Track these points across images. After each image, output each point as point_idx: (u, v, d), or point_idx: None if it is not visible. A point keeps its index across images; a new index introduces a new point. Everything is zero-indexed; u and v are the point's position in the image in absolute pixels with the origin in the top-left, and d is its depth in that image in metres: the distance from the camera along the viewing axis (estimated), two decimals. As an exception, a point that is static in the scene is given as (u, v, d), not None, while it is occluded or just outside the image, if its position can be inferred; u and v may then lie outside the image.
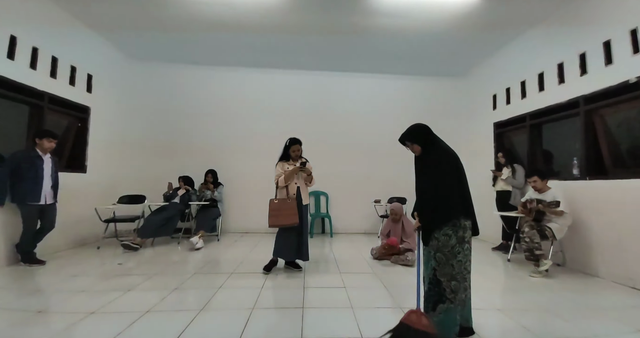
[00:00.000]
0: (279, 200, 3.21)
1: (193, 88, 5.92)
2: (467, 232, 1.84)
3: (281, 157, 3.35)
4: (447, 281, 1.77)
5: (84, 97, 4.54)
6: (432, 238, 1.83)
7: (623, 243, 3.01)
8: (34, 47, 3.68)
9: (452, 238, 1.79)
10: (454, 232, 1.79)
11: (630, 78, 3.00)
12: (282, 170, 3.26)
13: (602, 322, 2.15)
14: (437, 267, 1.79)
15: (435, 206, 1.82)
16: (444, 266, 1.78)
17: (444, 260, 1.78)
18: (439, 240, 1.80)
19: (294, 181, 3.28)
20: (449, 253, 1.78)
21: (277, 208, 3.15)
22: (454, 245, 1.78)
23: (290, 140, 3.31)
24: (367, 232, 5.92)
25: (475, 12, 3.93)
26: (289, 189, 3.25)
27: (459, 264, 1.78)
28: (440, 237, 1.80)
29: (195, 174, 5.29)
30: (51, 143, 3.44)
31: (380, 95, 6.20)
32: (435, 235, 1.82)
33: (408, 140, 2.03)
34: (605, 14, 3.33)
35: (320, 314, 2.23)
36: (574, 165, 3.71)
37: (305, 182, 3.35)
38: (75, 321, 2.03)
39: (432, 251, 1.83)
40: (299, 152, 3.31)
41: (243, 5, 3.91)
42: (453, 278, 1.77)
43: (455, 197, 1.82)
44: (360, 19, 4.22)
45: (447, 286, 1.76)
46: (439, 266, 1.79)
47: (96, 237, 4.52)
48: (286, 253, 3.24)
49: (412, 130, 2.04)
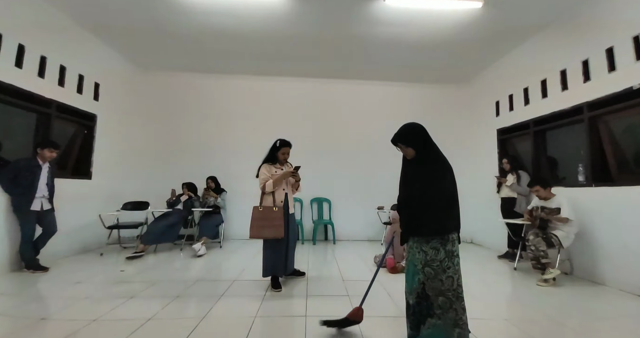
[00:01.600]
0: (264, 208, 2.86)
1: (198, 96, 6.00)
2: (456, 244, 1.76)
3: (267, 159, 3.03)
4: (435, 296, 1.68)
5: (91, 105, 4.60)
6: (419, 251, 1.74)
7: (630, 250, 2.96)
8: (42, 56, 3.76)
9: (440, 252, 1.70)
10: (442, 245, 1.70)
11: (634, 84, 2.99)
12: (269, 173, 2.93)
13: (609, 332, 2.10)
14: (426, 281, 1.70)
15: (430, 217, 1.70)
16: (432, 280, 1.69)
17: (433, 274, 1.70)
18: (427, 254, 1.71)
19: (282, 187, 2.98)
20: (438, 268, 1.69)
21: (262, 218, 2.80)
22: (443, 259, 1.70)
23: (281, 142, 3.01)
24: (371, 239, 5.87)
25: (477, 19, 3.96)
26: (275, 196, 2.90)
27: (449, 280, 1.69)
28: (428, 250, 1.71)
29: (199, 181, 5.31)
30: (52, 153, 3.48)
31: (384, 103, 6.23)
32: (423, 248, 1.73)
33: (402, 143, 1.84)
34: (607, 21, 3.34)
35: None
36: (579, 171, 3.68)
37: (292, 189, 3.08)
38: (78, 328, 2.03)
39: (420, 265, 1.72)
40: (288, 156, 3.05)
41: (247, 15, 3.98)
42: (441, 293, 1.68)
43: (455, 211, 1.75)
44: (363, 28, 4.26)
45: (435, 301, 1.68)
46: (427, 280, 1.70)
47: (99, 243, 4.53)
48: (279, 269, 2.94)
49: (408, 132, 1.85)
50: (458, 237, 1.79)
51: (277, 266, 2.92)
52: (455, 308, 1.67)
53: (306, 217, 5.88)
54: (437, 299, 1.68)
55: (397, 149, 1.90)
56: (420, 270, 1.72)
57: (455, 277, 1.70)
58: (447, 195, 1.74)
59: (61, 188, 3.77)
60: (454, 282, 1.69)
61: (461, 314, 1.68)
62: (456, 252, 1.74)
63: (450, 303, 1.67)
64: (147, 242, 4.27)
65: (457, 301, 1.69)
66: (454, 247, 1.73)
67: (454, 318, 1.66)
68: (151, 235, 4.31)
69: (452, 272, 1.70)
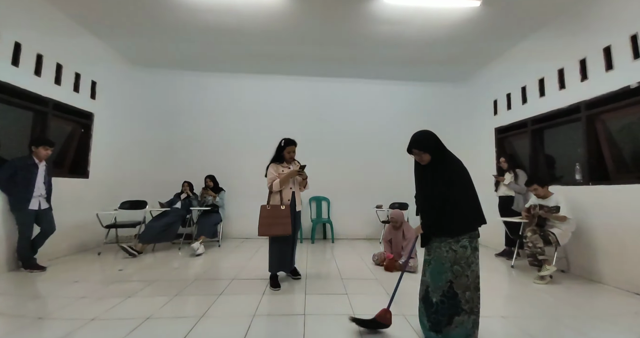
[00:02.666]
0: (271, 206, 2.92)
1: (196, 95, 5.98)
2: (478, 241, 1.85)
3: (274, 159, 3.09)
4: (463, 292, 1.75)
5: (88, 103, 4.58)
6: (448, 250, 1.80)
7: (627, 248, 2.98)
8: (38, 54, 3.73)
9: (468, 249, 1.78)
10: (469, 242, 1.79)
11: (632, 83, 3.01)
12: (277, 173, 2.99)
13: (606, 329, 2.12)
14: (454, 280, 1.76)
15: (460, 216, 1.79)
16: (460, 278, 1.76)
17: (461, 271, 1.77)
18: (457, 252, 1.78)
19: (289, 186, 3.04)
20: (465, 265, 1.77)
21: (270, 216, 2.86)
22: (469, 255, 1.78)
23: (286, 141, 3.06)
24: (369, 238, 5.89)
25: (475, 18, 3.96)
26: (283, 195, 2.97)
27: (473, 274, 1.78)
28: (458, 248, 1.78)
29: (197, 180, 5.30)
30: (47, 151, 3.46)
31: (382, 101, 6.23)
32: (452, 247, 1.79)
33: (418, 149, 1.92)
34: (605, 20, 3.35)
35: (321, 321, 2.21)
36: (577, 170, 3.70)
37: (300, 186, 3.13)
38: (76, 328, 2.02)
39: (449, 263, 1.78)
40: (294, 154, 3.10)
41: (247, 13, 3.96)
42: (468, 288, 1.76)
43: (479, 206, 1.84)
44: (361, 26, 4.26)
45: (463, 297, 1.75)
46: (456, 279, 1.76)
47: (97, 242, 4.52)
48: (284, 266, 3.05)
49: (423, 139, 1.93)
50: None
51: (283, 262, 3.00)
52: (473, 298, 1.77)
53: (305, 215, 5.88)
54: (464, 295, 1.76)
55: (412, 156, 1.99)
56: (449, 268, 1.78)
57: (476, 270, 1.80)
58: (470, 194, 1.83)
59: (58, 187, 3.75)
60: (475, 275, 1.79)
61: (477, 302, 1.78)
62: (478, 246, 1.84)
63: (472, 295, 1.77)
64: (145, 240, 4.26)
65: (475, 291, 1.79)
66: (477, 243, 1.84)
67: (471, 307, 1.76)
68: (149, 234, 4.30)
69: (474, 266, 1.80)
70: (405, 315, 2.31)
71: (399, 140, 6.09)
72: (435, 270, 1.83)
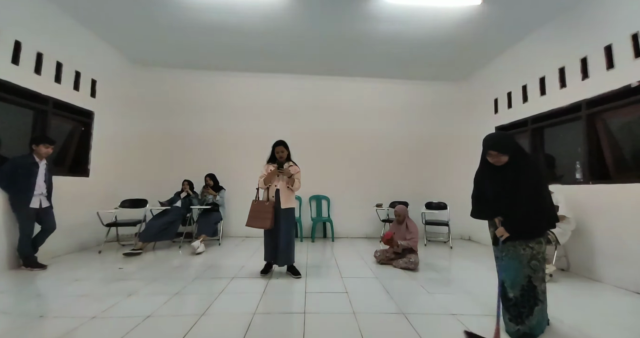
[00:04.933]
0: (258, 202, 3.26)
1: (196, 93, 5.97)
2: None
3: (268, 159, 3.38)
4: (540, 284, 1.91)
5: (88, 101, 4.57)
6: (524, 247, 1.90)
7: (627, 247, 2.98)
8: (38, 53, 3.72)
9: (542, 244, 1.92)
10: (544, 238, 1.93)
11: (632, 82, 3.00)
12: (266, 172, 3.28)
13: (605, 328, 2.12)
14: (533, 274, 1.90)
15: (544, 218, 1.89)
16: (538, 271, 1.90)
17: (538, 266, 1.90)
18: (534, 249, 1.89)
19: (274, 183, 3.24)
20: (541, 259, 1.91)
21: (254, 210, 3.21)
22: (544, 250, 1.93)
23: (275, 142, 3.34)
24: (369, 237, 5.89)
25: (476, 16, 3.95)
26: (268, 191, 3.25)
27: (543, 265, 1.94)
28: (534, 245, 1.89)
29: (197, 178, 5.30)
30: (48, 149, 3.46)
31: (382, 100, 6.22)
32: (529, 244, 1.89)
33: (498, 151, 1.89)
34: (606, 19, 3.34)
35: (322, 320, 2.21)
36: (577, 169, 3.70)
37: (287, 185, 3.22)
38: (77, 326, 2.03)
39: (526, 260, 1.90)
40: (284, 154, 3.28)
41: (246, 12, 3.95)
42: (543, 280, 1.92)
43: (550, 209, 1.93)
44: (362, 25, 4.25)
45: (540, 289, 1.90)
46: (534, 273, 1.90)
47: (98, 241, 4.52)
48: (269, 256, 3.28)
49: (502, 140, 1.92)
50: None
51: (268, 253, 3.29)
52: (544, 289, 1.94)
53: (305, 214, 5.89)
54: (541, 286, 1.91)
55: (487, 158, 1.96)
56: (526, 264, 1.90)
57: (544, 262, 1.94)
58: (547, 197, 1.91)
59: (59, 186, 3.75)
60: (544, 267, 1.94)
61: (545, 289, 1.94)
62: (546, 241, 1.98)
63: (544, 287, 1.93)
64: (146, 239, 4.27)
65: (544, 282, 1.95)
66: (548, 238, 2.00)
67: (545, 298, 1.92)
68: (150, 232, 4.31)
69: (543, 258, 1.93)
70: (405, 314, 2.31)
71: (399, 139, 6.17)
72: (512, 267, 1.94)
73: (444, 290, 2.91)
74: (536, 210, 1.84)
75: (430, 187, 5.98)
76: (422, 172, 6.07)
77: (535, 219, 1.85)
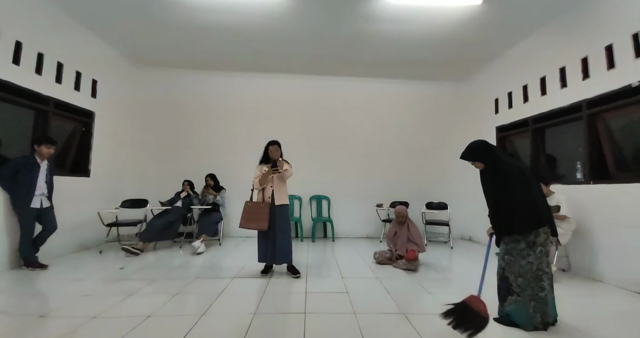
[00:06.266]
0: (252, 203, 3.24)
1: (196, 93, 5.98)
2: (540, 236, 2.02)
3: (261, 160, 3.34)
4: (515, 278, 2.06)
5: (89, 102, 4.58)
6: (503, 242, 2.12)
7: (628, 247, 2.98)
8: (39, 53, 3.73)
9: (521, 243, 2.04)
10: (523, 237, 2.02)
11: (633, 82, 3.00)
12: (260, 172, 3.24)
13: (606, 328, 2.12)
14: (505, 267, 2.11)
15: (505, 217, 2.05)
16: (511, 266, 2.07)
17: (513, 261, 2.07)
18: (507, 245, 2.09)
19: (270, 184, 3.23)
20: (517, 256, 2.05)
21: (249, 211, 3.19)
22: (523, 248, 2.03)
23: (268, 142, 3.32)
24: (369, 237, 5.89)
25: (477, 16, 3.95)
26: (264, 192, 3.23)
27: (528, 265, 2.03)
28: (509, 241, 2.09)
29: (198, 178, 5.30)
30: (49, 149, 3.46)
31: (382, 100, 6.22)
32: (504, 240, 2.11)
33: (466, 159, 2.21)
34: (606, 18, 3.34)
35: (322, 320, 2.21)
36: (578, 169, 3.69)
37: (280, 182, 3.24)
38: (77, 326, 2.03)
39: (502, 253, 2.13)
40: (277, 153, 3.25)
41: (246, 11, 3.96)
42: (520, 276, 2.04)
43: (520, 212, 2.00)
44: (362, 25, 4.25)
45: (514, 282, 2.06)
46: (507, 265, 2.10)
47: (98, 241, 4.53)
48: (265, 257, 3.23)
49: (470, 149, 2.20)
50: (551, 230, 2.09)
51: (265, 254, 3.24)
52: (532, 287, 2.02)
53: (305, 214, 5.89)
54: (516, 280, 2.06)
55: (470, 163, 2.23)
56: (501, 257, 2.14)
57: (535, 263, 2.02)
58: (515, 199, 2.01)
59: (60, 186, 3.76)
60: (532, 268, 2.02)
61: (537, 291, 2.02)
62: (539, 242, 2.03)
63: (526, 283, 2.03)
64: (146, 239, 4.27)
65: (536, 281, 2.02)
66: (537, 239, 2.02)
67: (530, 294, 2.02)
68: (150, 232, 4.31)
69: (531, 258, 2.03)
70: (405, 314, 2.31)
71: (399, 139, 6.17)
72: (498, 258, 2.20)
73: (444, 290, 2.91)
74: (499, 209, 2.07)
75: (431, 187, 5.98)
76: (422, 171, 6.07)
77: (500, 217, 2.08)
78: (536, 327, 2.01)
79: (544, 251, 2.05)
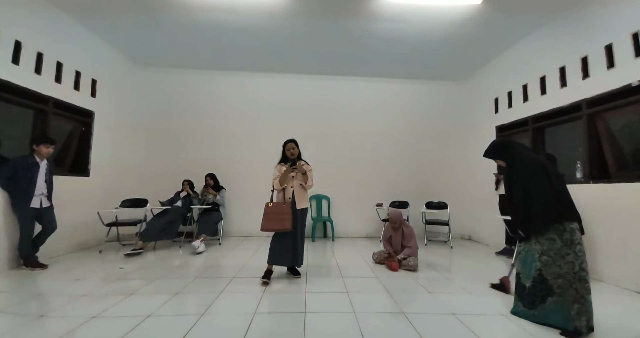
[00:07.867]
0: (273, 204, 3.12)
1: (196, 92, 5.97)
2: (576, 234, 1.98)
3: (280, 160, 3.29)
4: (554, 279, 1.99)
5: (89, 101, 4.58)
6: (536, 242, 2.07)
7: (627, 247, 2.98)
8: (38, 53, 3.73)
9: (557, 242, 1.99)
10: (558, 236, 1.98)
11: (633, 81, 3.00)
12: (279, 173, 3.18)
13: (607, 328, 2.12)
14: (543, 268, 2.03)
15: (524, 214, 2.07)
16: (550, 267, 2.01)
17: (551, 261, 2.00)
18: (543, 245, 2.03)
19: (290, 184, 3.16)
20: (556, 256, 1.99)
21: (271, 213, 3.05)
22: (560, 247, 1.98)
23: (286, 141, 3.27)
24: (369, 236, 5.89)
25: (476, 16, 3.95)
26: (285, 193, 3.16)
27: (568, 265, 1.96)
28: (544, 241, 2.02)
29: (198, 178, 5.31)
30: (49, 149, 3.46)
31: (382, 99, 6.22)
32: (539, 239, 2.05)
33: (486, 157, 2.35)
34: (606, 18, 3.34)
35: (322, 319, 2.21)
36: (578, 168, 3.69)
37: (300, 182, 3.17)
38: (77, 325, 2.03)
39: (537, 254, 2.05)
40: (295, 151, 3.21)
41: (246, 11, 3.95)
42: (560, 276, 1.97)
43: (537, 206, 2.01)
44: (362, 24, 4.24)
45: (554, 283, 1.99)
46: (544, 267, 2.02)
47: (98, 240, 4.53)
48: (281, 260, 3.11)
49: (489, 148, 2.31)
50: (580, 227, 2.05)
51: (280, 256, 3.10)
52: (576, 288, 1.94)
53: (305, 214, 5.88)
54: (556, 281, 1.99)
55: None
56: (537, 258, 2.06)
57: (575, 262, 1.96)
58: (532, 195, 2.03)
59: (59, 185, 3.76)
60: (572, 267, 1.96)
61: (584, 293, 1.94)
62: (576, 240, 1.98)
63: (570, 284, 1.95)
64: (146, 239, 4.27)
65: (579, 282, 1.94)
66: (573, 236, 1.98)
67: (574, 295, 1.94)
68: (150, 232, 4.31)
69: (570, 257, 1.96)
70: (405, 313, 2.31)
71: (399, 138, 6.16)
72: (526, 259, 2.14)
73: (444, 290, 2.91)
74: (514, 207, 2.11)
75: (431, 187, 5.97)
76: (422, 171, 6.07)
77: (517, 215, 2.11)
78: (578, 330, 1.92)
79: (583, 250, 1.99)
